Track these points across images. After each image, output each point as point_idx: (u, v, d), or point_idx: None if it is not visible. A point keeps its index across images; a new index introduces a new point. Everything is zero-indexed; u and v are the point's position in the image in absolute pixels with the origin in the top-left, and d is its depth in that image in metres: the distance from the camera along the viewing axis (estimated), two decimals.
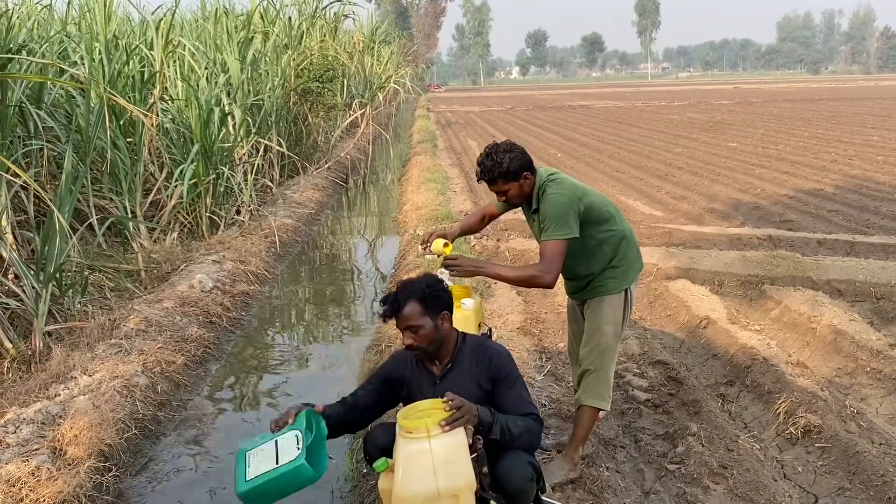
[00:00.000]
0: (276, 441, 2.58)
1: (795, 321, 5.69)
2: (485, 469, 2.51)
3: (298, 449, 2.48)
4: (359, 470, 3.94)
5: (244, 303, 6.92)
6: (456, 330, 2.96)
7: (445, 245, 3.66)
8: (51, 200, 5.30)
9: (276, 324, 6.90)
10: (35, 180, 6.21)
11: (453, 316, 3.62)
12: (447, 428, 2.39)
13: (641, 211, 10.33)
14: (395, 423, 2.75)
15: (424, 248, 3.79)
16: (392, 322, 2.84)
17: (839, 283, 6.57)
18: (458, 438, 2.41)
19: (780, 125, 23.30)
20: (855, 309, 6.00)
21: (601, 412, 3.72)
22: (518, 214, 4.23)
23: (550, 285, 3.37)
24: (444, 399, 2.49)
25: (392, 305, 2.81)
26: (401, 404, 2.92)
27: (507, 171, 3.42)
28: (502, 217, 4.27)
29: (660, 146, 18.23)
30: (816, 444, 3.96)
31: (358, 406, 2.99)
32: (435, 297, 2.83)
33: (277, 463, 2.48)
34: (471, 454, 2.42)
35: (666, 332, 5.91)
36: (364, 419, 3.05)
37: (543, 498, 3.24)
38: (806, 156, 15.49)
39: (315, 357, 5.97)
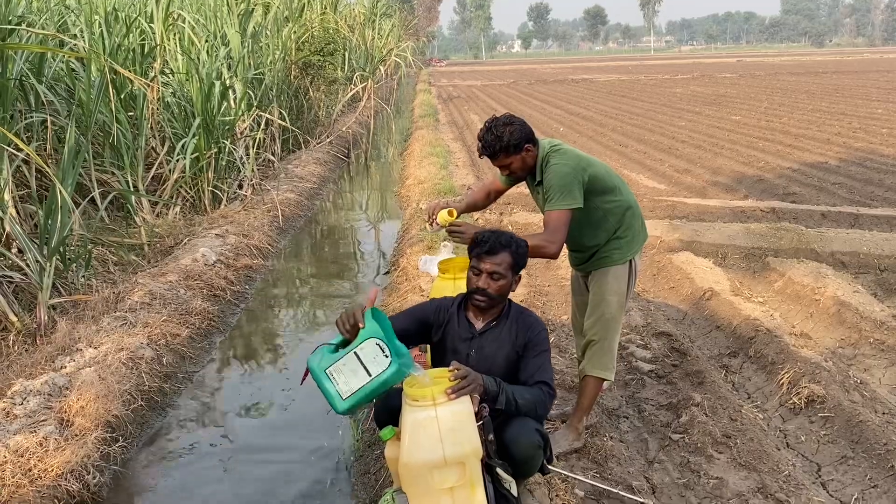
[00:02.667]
0: (356, 353, 2.55)
1: (799, 293, 5.69)
2: (490, 436, 2.52)
3: (387, 357, 2.49)
4: (364, 440, 3.97)
5: (247, 276, 6.93)
6: None
7: (450, 213, 3.65)
8: (53, 174, 5.28)
9: (280, 297, 6.91)
10: (37, 154, 6.20)
11: (461, 287, 3.65)
12: (453, 396, 2.40)
13: (645, 184, 10.30)
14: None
15: (430, 223, 3.76)
16: (392, 290, 2.84)
17: (843, 254, 6.57)
18: (464, 406, 2.41)
19: (784, 98, 23.17)
20: (858, 280, 6.00)
21: (605, 382, 3.73)
22: (522, 188, 4.21)
23: (555, 255, 3.35)
24: (450, 368, 2.49)
25: (491, 246, 2.85)
26: (428, 347, 2.91)
27: (507, 144, 3.38)
28: (507, 191, 4.22)
29: (663, 120, 18.14)
30: (819, 414, 3.97)
31: None
32: (522, 257, 2.93)
33: (370, 375, 2.50)
34: (476, 422, 2.43)
35: (669, 304, 5.91)
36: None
37: (548, 467, 3.26)
38: (810, 129, 15.42)
39: (319, 329, 5.99)
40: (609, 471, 3.51)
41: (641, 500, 3.30)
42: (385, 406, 2.81)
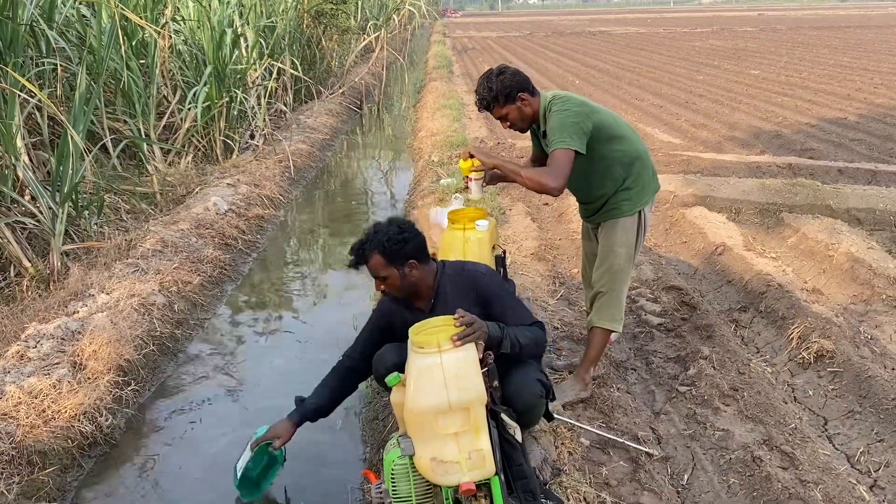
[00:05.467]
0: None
1: (812, 249, 5.64)
2: (495, 383, 2.53)
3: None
4: (373, 387, 4.01)
5: (259, 226, 6.94)
6: (434, 262, 2.93)
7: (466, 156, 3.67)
8: (64, 119, 5.27)
9: (292, 247, 6.93)
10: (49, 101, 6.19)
11: (470, 237, 3.63)
12: (458, 343, 2.40)
13: (660, 139, 10.18)
14: (402, 344, 2.80)
15: (465, 187, 3.77)
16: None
17: (858, 211, 6.49)
18: (469, 353, 2.42)
19: (805, 53, 22.71)
20: (873, 237, 5.93)
21: (613, 334, 3.73)
22: None
23: (554, 191, 3.22)
24: (455, 315, 2.49)
25: (357, 257, 2.83)
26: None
27: (497, 93, 3.33)
28: (519, 145, 4.15)
29: (681, 73, 17.86)
30: (828, 369, 3.97)
31: (359, 360, 3.08)
32: (396, 251, 2.78)
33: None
34: (482, 368, 2.44)
35: (681, 259, 5.88)
36: (367, 368, 3.09)
37: (553, 414, 3.28)
38: (830, 84, 15.14)
39: (330, 279, 6.01)
40: (615, 421, 3.53)
41: (646, 449, 3.32)
42: (382, 363, 2.86)
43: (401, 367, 2.56)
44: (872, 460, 3.34)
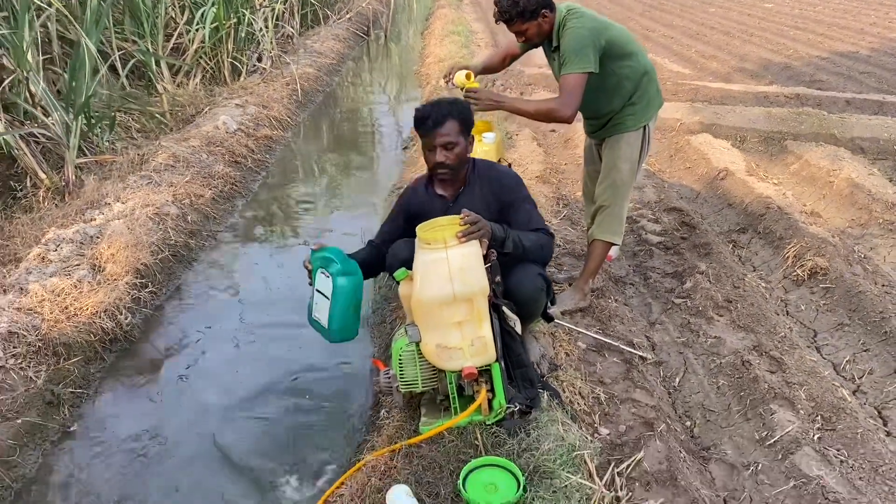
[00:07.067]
0: (317, 290, 2.94)
1: (814, 175, 5.72)
2: (497, 278, 2.66)
3: (328, 277, 2.86)
4: (381, 294, 4.16)
5: (267, 146, 7.01)
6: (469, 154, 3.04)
7: (468, 76, 3.65)
8: (79, 29, 5.30)
9: (300, 166, 7.00)
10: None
11: (477, 150, 3.73)
12: (463, 239, 2.52)
13: (669, 69, 10.11)
14: (413, 240, 2.90)
15: (447, 82, 3.78)
16: (412, 154, 2.91)
17: (863, 140, 6.53)
18: (473, 249, 2.54)
19: None
20: (875, 165, 6.00)
21: (613, 249, 3.84)
22: (543, 69, 4.17)
23: (569, 119, 3.32)
24: (461, 215, 2.60)
25: (434, 119, 2.86)
26: None
27: (524, 9, 3.31)
28: (528, 72, 4.17)
29: (694, 5, 17.56)
30: (821, 285, 4.09)
31: (386, 242, 3.13)
32: (467, 119, 2.93)
33: (328, 298, 2.88)
34: (485, 264, 2.57)
35: (684, 184, 5.96)
36: None
37: (552, 316, 3.43)
38: (845, 18, 14.90)
39: (338, 198, 6.12)
40: (612, 329, 3.68)
41: (640, 353, 3.48)
42: (395, 257, 2.96)
43: (412, 262, 2.68)
44: (857, 368, 3.49)
